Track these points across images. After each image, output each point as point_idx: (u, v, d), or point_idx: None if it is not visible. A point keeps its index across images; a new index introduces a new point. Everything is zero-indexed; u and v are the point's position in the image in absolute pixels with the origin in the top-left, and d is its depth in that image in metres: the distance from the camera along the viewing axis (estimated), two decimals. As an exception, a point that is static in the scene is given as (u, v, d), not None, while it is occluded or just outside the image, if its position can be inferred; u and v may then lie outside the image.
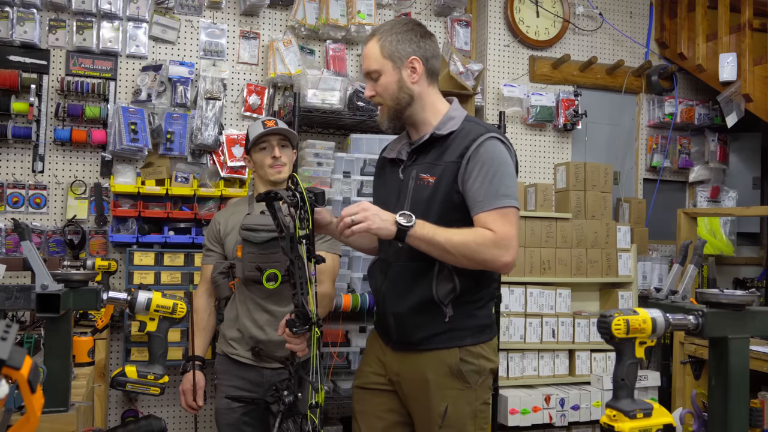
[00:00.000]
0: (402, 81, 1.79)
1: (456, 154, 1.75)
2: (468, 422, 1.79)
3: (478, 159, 1.71)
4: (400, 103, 1.81)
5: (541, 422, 3.28)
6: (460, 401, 1.78)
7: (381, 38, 1.80)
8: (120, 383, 1.68)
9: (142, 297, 1.68)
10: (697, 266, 1.85)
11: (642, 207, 3.99)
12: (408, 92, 1.80)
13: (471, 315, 1.81)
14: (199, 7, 3.40)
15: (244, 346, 2.30)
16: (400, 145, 1.92)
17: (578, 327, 3.47)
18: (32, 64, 3.13)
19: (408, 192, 1.82)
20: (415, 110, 1.83)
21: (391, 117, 1.84)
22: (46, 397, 1.31)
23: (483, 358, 1.82)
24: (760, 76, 3.59)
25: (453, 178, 1.74)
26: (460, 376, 1.78)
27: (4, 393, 1.04)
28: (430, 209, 1.76)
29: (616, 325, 1.40)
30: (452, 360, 1.78)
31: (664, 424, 1.39)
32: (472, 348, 1.80)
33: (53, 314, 1.55)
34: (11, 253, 3.06)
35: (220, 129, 3.33)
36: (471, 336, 1.81)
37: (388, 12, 3.72)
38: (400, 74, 1.79)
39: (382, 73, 1.80)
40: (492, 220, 1.67)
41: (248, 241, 2.18)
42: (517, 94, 3.81)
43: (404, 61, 1.79)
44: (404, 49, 1.79)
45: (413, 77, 1.80)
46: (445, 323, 1.76)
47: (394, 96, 1.80)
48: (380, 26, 1.85)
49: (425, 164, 1.81)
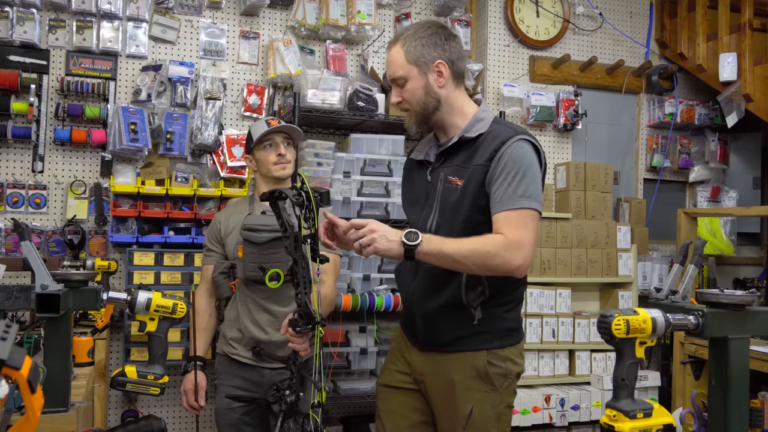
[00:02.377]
0: (429, 86, 1.78)
1: (485, 158, 1.73)
2: (492, 425, 1.79)
3: (505, 161, 1.70)
4: (427, 108, 1.80)
5: (541, 422, 3.28)
6: (486, 404, 1.78)
7: (405, 43, 1.78)
8: (120, 383, 1.68)
9: (142, 297, 1.68)
10: (697, 266, 1.85)
11: (642, 207, 3.99)
12: (435, 97, 1.79)
13: (500, 318, 1.80)
14: (199, 7, 3.40)
15: (244, 346, 2.30)
16: (428, 146, 1.91)
17: (578, 327, 3.47)
18: (32, 64, 3.13)
19: (437, 194, 1.81)
20: (442, 114, 1.82)
21: (419, 122, 1.83)
22: (46, 397, 1.31)
23: (510, 362, 1.81)
24: (761, 76, 3.59)
25: (481, 182, 1.73)
26: (486, 378, 1.78)
27: (4, 393, 1.04)
28: (458, 212, 1.75)
29: (616, 325, 1.40)
30: (479, 362, 1.77)
31: (664, 424, 1.39)
32: (499, 351, 1.80)
33: (53, 314, 1.55)
34: (11, 253, 3.06)
35: (220, 129, 3.33)
36: (499, 339, 1.80)
37: (388, 12, 3.72)
38: (427, 79, 1.78)
39: (408, 79, 1.78)
40: (505, 223, 1.66)
41: (249, 241, 2.18)
42: (517, 94, 3.81)
43: (430, 65, 1.77)
44: (429, 53, 1.77)
45: (440, 81, 1.78)
46: (473, 326, 1.76)
47: (421, 101, 1.79)
48: (404, 30, 1.83)
49: (453, 167, 1.80)
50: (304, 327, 1.64)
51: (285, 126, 2.38)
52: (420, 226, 1.83)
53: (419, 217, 1.87)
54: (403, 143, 3.26)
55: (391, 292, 3.09)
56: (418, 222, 1.86)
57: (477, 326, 1.75)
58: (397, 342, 2.01)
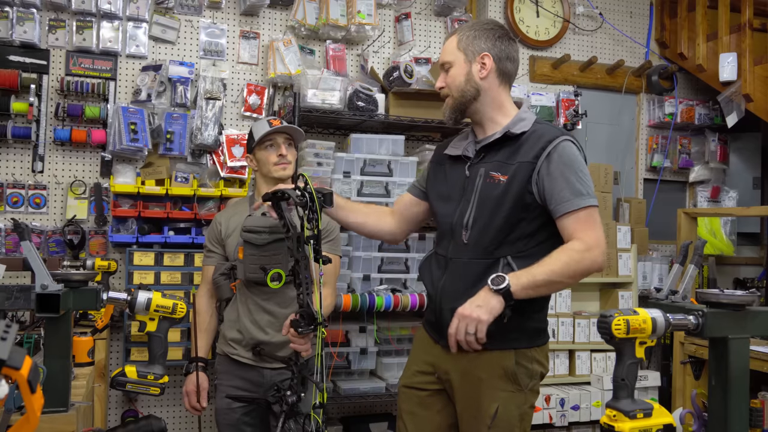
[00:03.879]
0: (470, 74, 1.82)
1: (531, 155, 1.75)
2: (515, 424, 1.78)
3: (558, 160, 1.73)
4: (465, 96, 1.83)
5: (541, 422, 3.28)
6: (510, 403, 1.78)
7: (460, 33, 1.85)
8: (120, 383, 1.68)
9: (142, 297, 1.68)
10: (697, 266, 1.85)
11: (642, 207, 3.99)
12: (474, 86, 1.82)
13: (529, 318, 1.80)
14: (199, 7, 3.40)
15: (244, 347, 2.30)
16: (466, 142, 1.91)
17: (578, 327, 3.47)
18: (32, 64, 3.13)
19: (475, 189, 1.81)
20: (481, 106, 1.84)
21: (454, 108, 1.85)
22: (46, 397, 1.31)
23: (536, 362, 1.82)
24: (761, 76, 3.59)
25: (527, 179, 1.74)
26: (513, 378, 1.78)
27: (4, 393, 1.04)
28: (500, 207, 1.75)
29: (616, 325, 1.40)
30: (508, 362, 1.77)
31: (664, 424, 1.39)
32: (527, 351, 1.80)
33: (53, 314, 1.55)
34: (11, 253, 3.06)
35: (220, 129, 3.33)
36: (527, 339, 1.81)
37: (388, 12, 3.72)
38: (470, 67, 1.82)
39: (453, 64, 1.84)
40: (577, 227, 1.70)
41: (249, 242, 2.18)
42: (517, 94, 3.80)
43: (476, 55, 1.82)
44: (478, 44, 1.82)
45: (482, 72, 1.82)
46: (503, 324, 1.74)
47: (461, 88, 1.82)
48: (465, 23, 1.92)
49: (496, 162, 1.80)
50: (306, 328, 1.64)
51: (287, 126, 2.38)
52: (456, 221, 1.84)
53: (454, 212, 1.86)
54: (403, 143, 3.26)
55: (391, 292, 3.09)
56: (453, 216, 1.85)
57: (506, 325, 1.74)
58: (419, 341, 2.00)
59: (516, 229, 1.74)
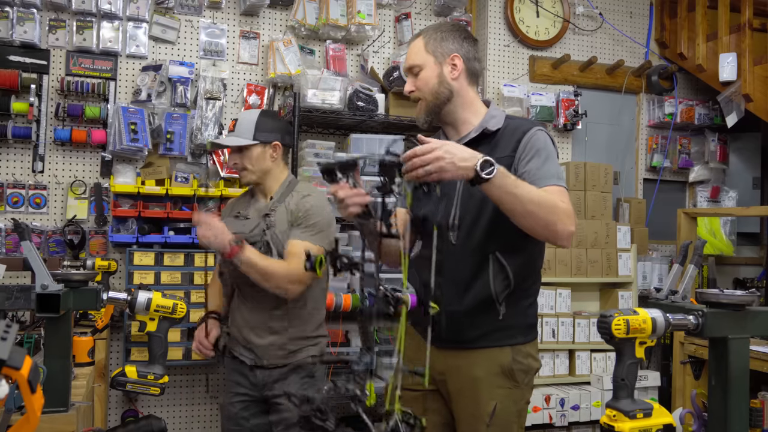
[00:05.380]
0: (442, 76, 1.81)
1: (509, 149, 1.76)
2: (513, 421, 1.78)
3: (532, 146, 1.74)
4: (439, 98, 1.82)
5: (541, 422, 3.28)
6: (508, 400, 1.77)
7: (425, 36, 1.84)
8: (120, 383, 1.68)
9: (142, 297, 1.68)
10: (697, 266, 1.85)
11: (642, 207, 3.99)
12: (448, 87, 1.82)
13: (523, 313, 1.81)
14: (199, 7, 3.40)
15: (239, 346, 2.30)
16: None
17: (578, 327, 3.47)
18: (32, 64, 3.13)
19: (457, 189, 1.81)
20: (454, 107, 1.84)
21: (429, 111, 1.84)
22: (46, 397, 1.31)
23: (531, 358, 1.82)
24: (760, 76, 3.59)
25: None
26: (510, 375, 1.78)
27: (4, 393, 1.04)
28: (486, 205, 1.74)
29: (616, 325, 1.40)
30: (505, 359, 1.77)
31: (664, 424, 1.39)
32: (522, 347, 1.80)
33: (53, 314, 1.55)
34: (11, 253, 3.06)
35: (220, 129, 3.33)
36: (522, 335, 1.81)
37: (388, 12, 3.72)
38: (441, 69, 1.81)
39: (423, 67, 1.82)
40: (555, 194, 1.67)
41: None
42: (517, 94, 3.81)
43: (446, 57, 1.81)
44: (447, 46, 1.82)
45: (453, 73, 1.82)
46: (498, 321, 1.75)
47: (434, 90, 1.81)
48: (427, 27, 1.90)
49: None
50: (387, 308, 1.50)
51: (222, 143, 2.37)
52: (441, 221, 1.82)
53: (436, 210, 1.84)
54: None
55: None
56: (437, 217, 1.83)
57: (502, 321, 1.74)
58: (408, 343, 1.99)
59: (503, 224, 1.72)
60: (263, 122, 2.25)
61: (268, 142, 2.24)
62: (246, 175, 2.26)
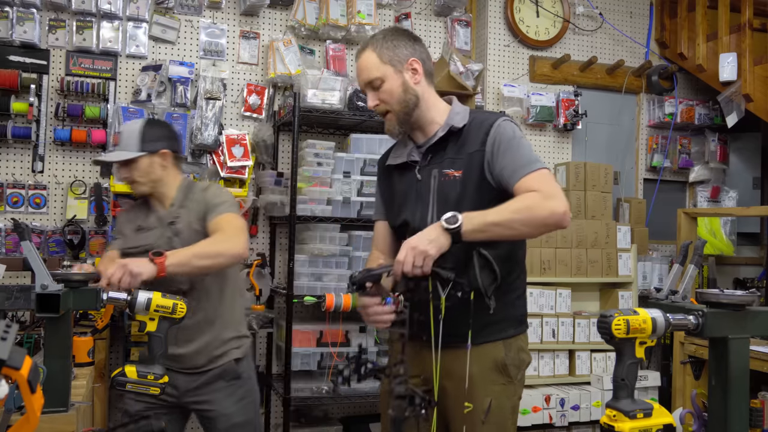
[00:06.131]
0: (406, 83, 1.80)
1: (478, 143, 1.76)
2: (508, 416, 1.79)
3: (501, 139, 1.74)
4: (408, 106, 1.81)
5: (541, 422, 3.28)
6: (503, 396, 1.78)
7: (376, 47, 1.81)
8: (120, 383, 1.67)
9: (142, 297, 1.68)
10: (697, 266, 1.84)
11: (642, 207, 3.99)
12: (413, 93, 1.81)
13: (512, 305, 1.81)
14: (199, 7, 3.40)
15: None
16: (407, 149, 1.90)
17: (578, 327, 3.47)
18: (32, 64, 3.13)
19: (431, 191, 1.81)
20: (421, 111, 1.83)
21: (401, 121, 1.83)
22: (46, 397, 1.31)
23: (522, 351, 1.83)
24: (760, 76, 3.59)
25: (480, 167, 1.75)
26: (504, 370, 1.78)
27: (4, 393, 1.04)
28: (462, 202, 1.75)
29: (616, 325, 1.39)
30: (498, 354, 1.77)
31: (664, 424, 1.38)
32: (513, 341, 1.81)
33: (53, 314, 1.55)
34: (11, 253, 3.06)
35: (220, 129, 3.33)
36: (513, 327, 1.81)
37: (387, 12, 3.72)
38: (403, 77, 1.80)
39: (384, 79, 1.79)
40: (530, 185, 1.67)
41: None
42: (517, 94, 3.81)
43: (404, 63, 1.80)
44: (402, 52, 1.80)
45: (416, 78, 1.81)
46: (489, 316, 1.74)
47: (401, 99, 1.80)
48: (370, 38, 1.87)
49: (447, 160, 1.80)
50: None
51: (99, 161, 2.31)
52: (418, 223, 1.82)
53: (414, 216, 1.85)
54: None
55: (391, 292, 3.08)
56: (415, 220, 1.85)
57: (492, 316, 1.74)
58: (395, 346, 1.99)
59: None
60: (148, 132, 2.16)
61: (155, 151, 2.15)
62: (137, 188, 2.18)
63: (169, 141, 2.21)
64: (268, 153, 3.43)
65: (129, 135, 2.15)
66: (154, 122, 2.30)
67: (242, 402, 2.23)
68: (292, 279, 3.00)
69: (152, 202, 2.22)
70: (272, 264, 3.46)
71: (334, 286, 3.09)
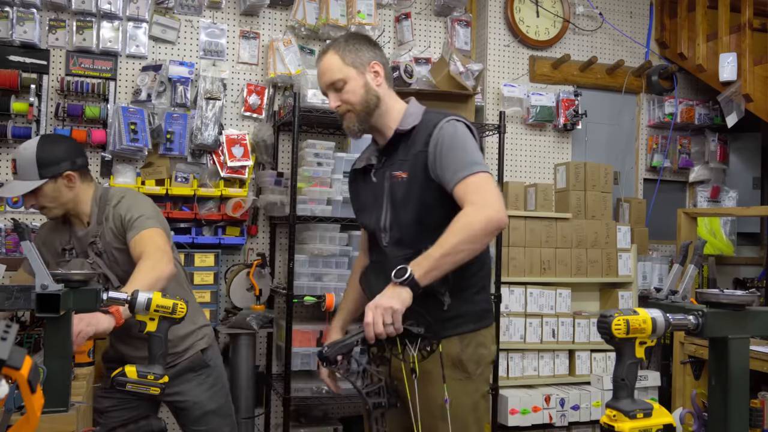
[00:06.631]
0: (368, 84, 1.84)
1: (421, 144, 1.79)
2: (468, 414, 1.78)
3: (442, 141, 1.75)
4: (369, 106, 1.85)
5: (541, 422, 3.28)
6: (460, 392, 1.77)
7: (338, 50, 1.86)
8: (120, 383, 1.67)
9: (142, 297, 1.68)
10: (697, 266, 1.84)
11: (642, 207, 3.99)
12: (375, 94, 1.85)
13: (470, 301, 1.81)
14: (199, 7, 3.40)
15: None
16: (369, 152, 1.97)
17: (578, 327, 3.48)
18: (32, 64, 3.13)
19: (385, 192, 1.85)
20: (381, 113, 1.87)
21: (361, 120, 1.86)
22: (46, 397, 1.31)
23: (482, 347, 1.82)
24: (760, 76, 3.59)
25: (423, 167, 1.77)
26: (460, 365, 1.78)
27: (4, 393, 1.04)
28: (409, 202, 1.79)
29: (616, 325, 1.39)
30: (453, 349, 1.77)
31: (664, 424, 1.38)
32: (473, 336, 1.80)
33: (53, 314, 1.55)
34: (11, 253, 3.06)
35: (220, 129, 3.33)
36: (472, 322, 1.81)
37: (387, 12, 3.72)
38: (365, 78, 1.84)
39: (347, 80, 1.84)
40: (466, 191, 1.68)
41: None
42: (517, 94, 3.81)
43: (366, 66, 1.85)
44: (364, 55, 1.86)
45: (377, 80, 1.86)
46: (444, 312, 1.75)
47: (363, 100, 1.84)
48: (332, 42, 1.91)
49: (396, 162, 1.85)
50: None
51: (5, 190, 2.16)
52: (374, 226, 1.89)
53: (371, 219, 1.91)
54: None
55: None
56: (371, 224, 1.90)
57: (447, 312, 1.75)
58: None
59: (430, 218, 1.76)
60: (44, 156, 2.03)
61: (57, 175, 2.04)
62: (49, 212, 2.10)
63: (69, 159, 2.07)
64: (268, 153, 3.43)
65: (25, 163, 2.02)
66: (48, 141, 2.11)
67: (212, 389, 2.29)
68: (292, 279, 3.00)
69: (71, 219, 2.15)
70: (272, 264, 3.46)
71: (334, 286, 3.09)
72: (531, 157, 3.90)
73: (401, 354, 1.64)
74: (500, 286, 3.25)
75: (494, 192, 1.69)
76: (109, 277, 2.11)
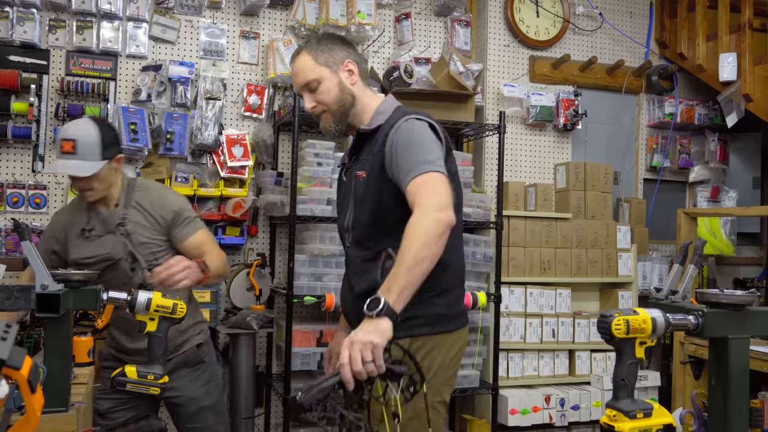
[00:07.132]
0: (342, 83, 1.84)
1: (379, 144, 1.78)
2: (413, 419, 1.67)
3: (398, 139, 1.72)
4: (344, 105, 1.85)
5: (541, 422, 3.28)
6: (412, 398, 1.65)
7: (311, 50, 1.85)
8: (120, 383, 1.68)
9: (142, 297, 1.68)
10: (697, 266, 1.85)
11: (642, 207, 3.99)
12: (350, 93, 1.85)
13: (427, 303, 1.74)
14: (199, 7, 3.40)
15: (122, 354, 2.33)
16: (346, 151, 1.99)
17: (578, 327, 3.48)
18: (32, 64, 3.13)
19: (352, 191, 1.86)
20: (356, 112, 1.87)
21: (337, 120, 1.86)
22: (46, 397, 1.31)
23: (436, 351, 1.75)
24: (760, 76, 3.59)
25: (380, 167, 1.76)
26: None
27: (4, 393, 1.04)
28: (367, 202, 1.79)
29: (616, 325, 1.39)
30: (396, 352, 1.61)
31: (664, 424, 1.39)
32: (425, 339, 1.74)
33: (53, 314, 1.55)
34: (11, 253, 3.06)
35: (220, 129, 3.33)
36: (428, 326, 1.75)
37: (387, 12, 3.72)
38: (339, 77, 1.84)
39: (321, 80, 1.83)
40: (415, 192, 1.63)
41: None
42: (517, 94, 3.81)
43: (340, 65, 1.84)
44: (337, 55, 1.85)
45: (352, 78, 1.85)
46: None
47: (338, 99, 1.84)
48: (305, 43, 1.91)
49: (360, 162, 1.86)
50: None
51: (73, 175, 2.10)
52: (340, 226, 1.91)
53: (340, 219, 1.93)
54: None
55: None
56: (339, 224, 1.93)
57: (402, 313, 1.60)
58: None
59: (388, 218, 1.74)
60: (106, 136, 2.08)
61: (113, 157, 2.11)
62: (93, 195, 2.11)
63: (119, 143, 2.20)
64: (268, 153, 3.43)
65: (88, 143, 2.04)
66: (104, 124, 2.17)
67: (208, 386, 2.32)
68: (292, 279, 3.00)
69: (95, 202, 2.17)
70: (272, 264, 3.46)
71: (334, 286, 3.08)
72: (531, 157, 3.90)
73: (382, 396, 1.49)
74: (500, 286, 3.25)
75: (440, 191, 1.63)
76: (137, 256, 2.13)
